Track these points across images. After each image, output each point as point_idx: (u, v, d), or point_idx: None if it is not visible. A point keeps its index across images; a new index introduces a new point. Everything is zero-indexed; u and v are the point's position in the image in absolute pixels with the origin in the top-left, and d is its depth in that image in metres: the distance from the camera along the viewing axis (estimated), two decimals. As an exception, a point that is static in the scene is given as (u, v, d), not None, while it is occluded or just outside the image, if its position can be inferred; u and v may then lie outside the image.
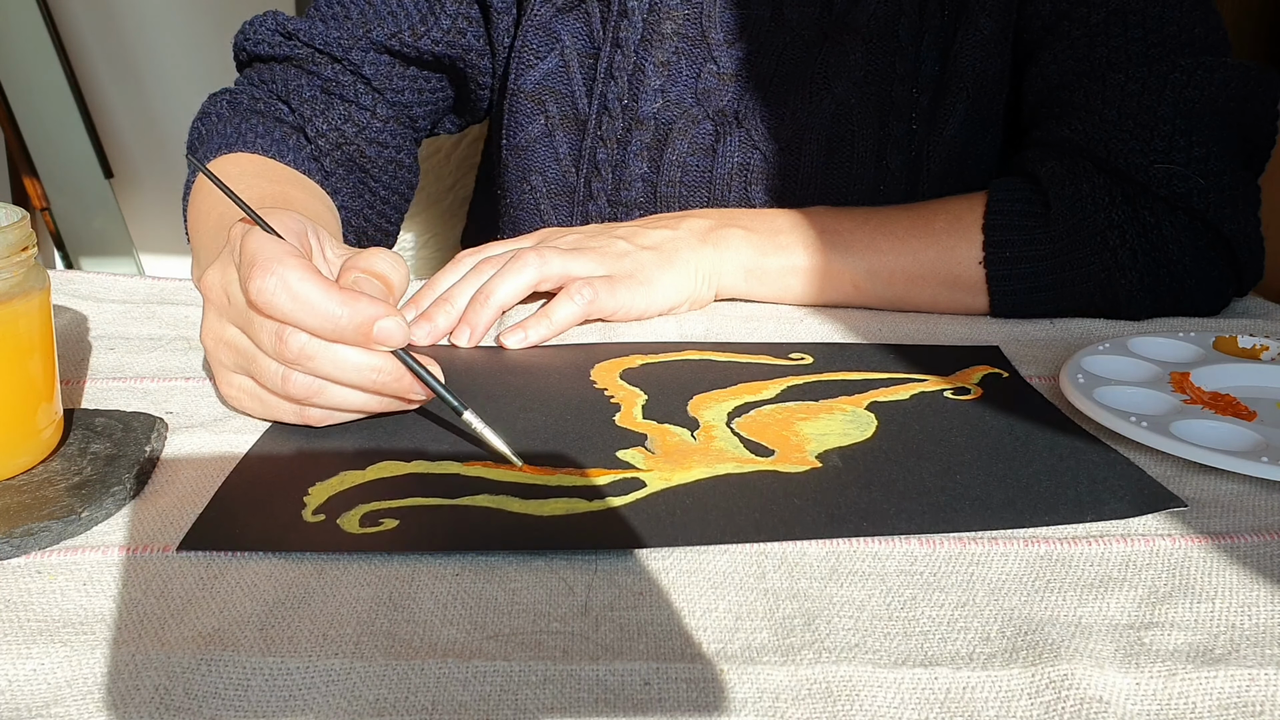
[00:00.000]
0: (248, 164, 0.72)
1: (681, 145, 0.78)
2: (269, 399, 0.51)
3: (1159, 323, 0.70)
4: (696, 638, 0.37)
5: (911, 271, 0.71)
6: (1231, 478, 0.49)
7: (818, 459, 0.49)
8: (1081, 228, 0.68)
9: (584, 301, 0.65)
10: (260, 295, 0.47)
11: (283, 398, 0.50)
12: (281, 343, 0.48)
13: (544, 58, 0.79)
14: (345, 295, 0.48)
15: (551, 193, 0.82)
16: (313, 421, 0.51)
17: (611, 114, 0.78)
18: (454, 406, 0.50)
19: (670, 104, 0.78)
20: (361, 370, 0.49)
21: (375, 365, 0.49)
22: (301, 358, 0.48)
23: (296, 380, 0.49)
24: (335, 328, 0.47)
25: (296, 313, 0.47)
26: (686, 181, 0.79)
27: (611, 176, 0.80)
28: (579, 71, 0.79)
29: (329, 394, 0.50)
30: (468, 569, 0.40)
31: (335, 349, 0.48)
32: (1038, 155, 0.73)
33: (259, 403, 0.52)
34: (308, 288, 0.47)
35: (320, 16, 0.80)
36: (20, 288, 0.45)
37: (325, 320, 0.47)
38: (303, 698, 0.34)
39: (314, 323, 0.47)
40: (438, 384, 0.50)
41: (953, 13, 0.75)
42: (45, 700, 0.33)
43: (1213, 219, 0.68)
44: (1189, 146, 0.68)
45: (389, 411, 0.52)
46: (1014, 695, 0.34)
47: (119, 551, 0.41)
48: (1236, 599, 0.39)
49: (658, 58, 0.77)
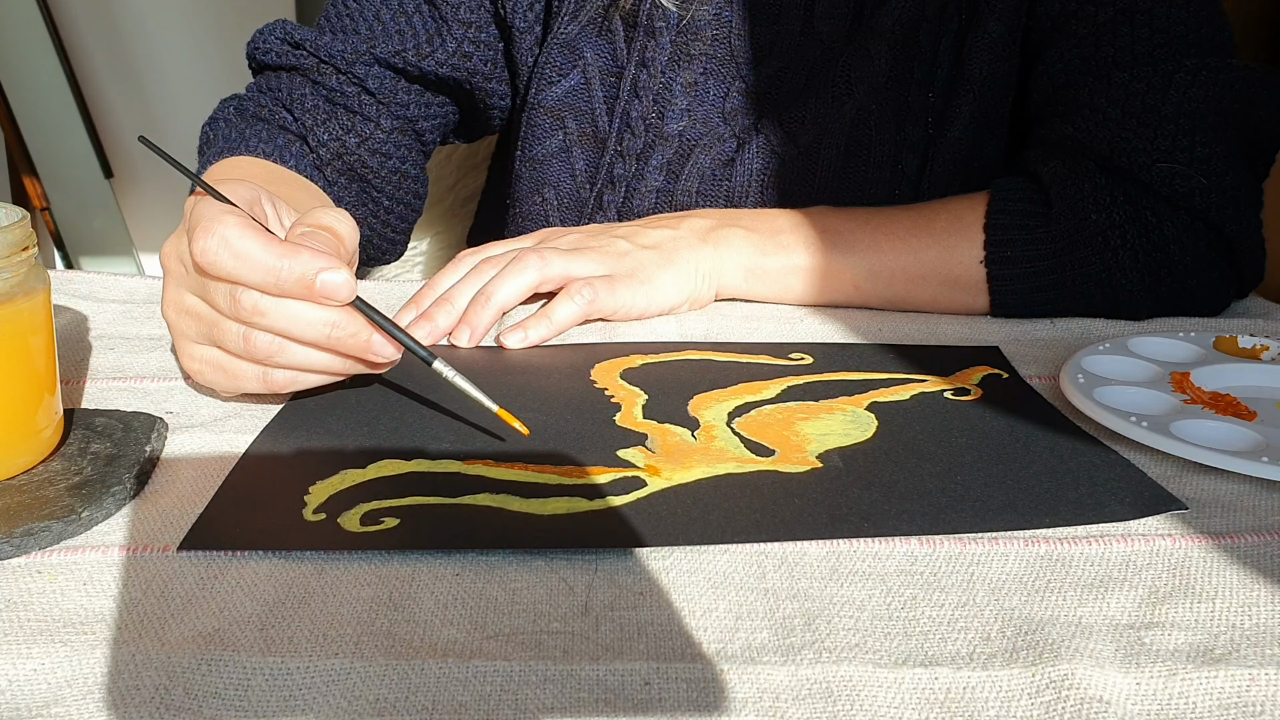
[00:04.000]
0: (247, 167, 0.73)
1: (703, 160, 0.78)
2: (232, 365, 0.51)
3: (1159, 322, 0.70)
4: (696, 638, 0.37)
5: (912, 271, 0.71)
6: (1231, 478, 0.49)
7: (818, 459, 0.49)
8: (1083, 227, 0.68)
9: (584, 301, 0.65)
10: (203, 256, 0.48)
11: (246, 359, 0.50)
12: (235, 301, 0.48)
13: (566, 75, 0.79)
14: (287, 248, 0.48)
15: (563, 205, 0.83)
16: (277, 387, 0.51)
17: (634, 132, 0.78)
18: (422, 357, 0.50)
19: (696, 122, 0.78)
20: (315, 325, 0.49)
21: (330, 320, 0.49)
22: (255, 314, 0.48)
23: (258, 339, 0.49)
24: (278, 281, 0.48)
25: (239, 269, 0.48)
26: (703, 191, 0.79)
27: (625, 189, 0.80)
28: (600, 89, 0.79)
29: (290, 353, 0.50)
30: (468, 569, 0.40)
31: (288, 303, 0.48)
32: (1040, 154, 0.73)
33: (222, 372, 0.52)
34: (248, 244, 0.48)
35: (329, 28, 0.80)
36: (20, 288, 0.45)
37: (268, 274, 0.48)
38: (303, 698, 0.34)
39: (258, 278, 0.48)
40: (402, 333, 0.50)
41: (967, 16, 0.75)
42: (45, 700, 0.33)
43: (1215, 219, 0.68)
44: (1192, 146, 0.68)
45: (355, 374, 0.53)
46: (1014, 695, 0.34)
47: (119, 551, 0.41)
48: (1236, 599, 0.39)
49: (685, 79, 0.77)
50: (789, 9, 0.76)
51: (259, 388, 0.51)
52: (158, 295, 0.71)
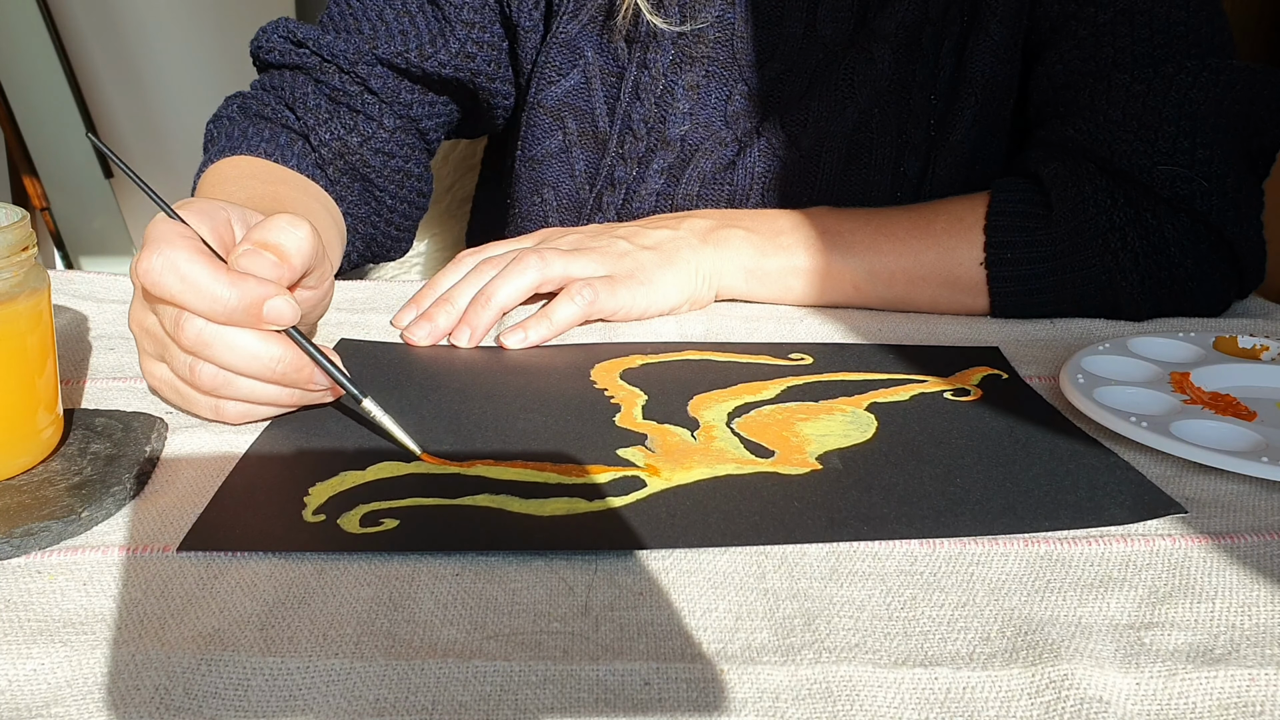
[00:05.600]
0: (246, 166, 0.72)
1: (705, 164, 0.78)
2: (185, 390, 0.51)
3: (1159, 323, 0.70)
4: (696, 638, 0.37)
5: (912, 272, 0.71)
6: (1231, 478, 0.49)
7: (818, 460, 0.49)
8: (1083, 229, 0.68)
9: (584, 302, 0.65)
10: (147, 276, 0.47)
11: (195, 386, 0.50)
12: (179, 329, 0.47)
13: (566, 74, 0.79)
14: (233, 277, 0.47)
15: (562, 206, 0.82)
16: (229, 419, 0.51)
17: (636, 135, 0.78)
18: (353, 394, 0.49)
19: (698, 126, 0.78)
20: (260, 359, 0.48)
21: (275, 355, 0.49)
22: (199, 345, 0.48)
23: (203, 371, 0.49)
24: (225, 310, 0.47)
25: (185, 294, 0.47)
26: (704, 194, 0.79)
27: (624, 191, 0.80)
28: (601, 90, 0.79)
29: (237, 386, 0.49)
30: (468, 569, 0.40)
31: (230, 335, 0.48)
32: (1040, 156, 0.73)
33: (176, 393, 0.51)
34: (195, 269, 0.47)
35: (332, 26, 0.80)
36: (20, 288, 0.45)
37: (214, 302, 0.47)
38: (303, 698, 0.34)
39: (203, 305, 0.47)
40: (334, 368, 0.50)
41: (968, 19, 0.75)
42: (45, 700, 0.33)
43: (1215, 221, 0.68)
44: (1193, 149, 0.68)
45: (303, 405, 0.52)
46: (1014, 695, 0.34)
47: (119, 551, 0.41)
48: (1236, 599, 0.39)
49: (688, 81, 0.77)
50: (792, 12, 0.76)
51: (210, 415, 0.51)
52: (158, 295, 0.71)
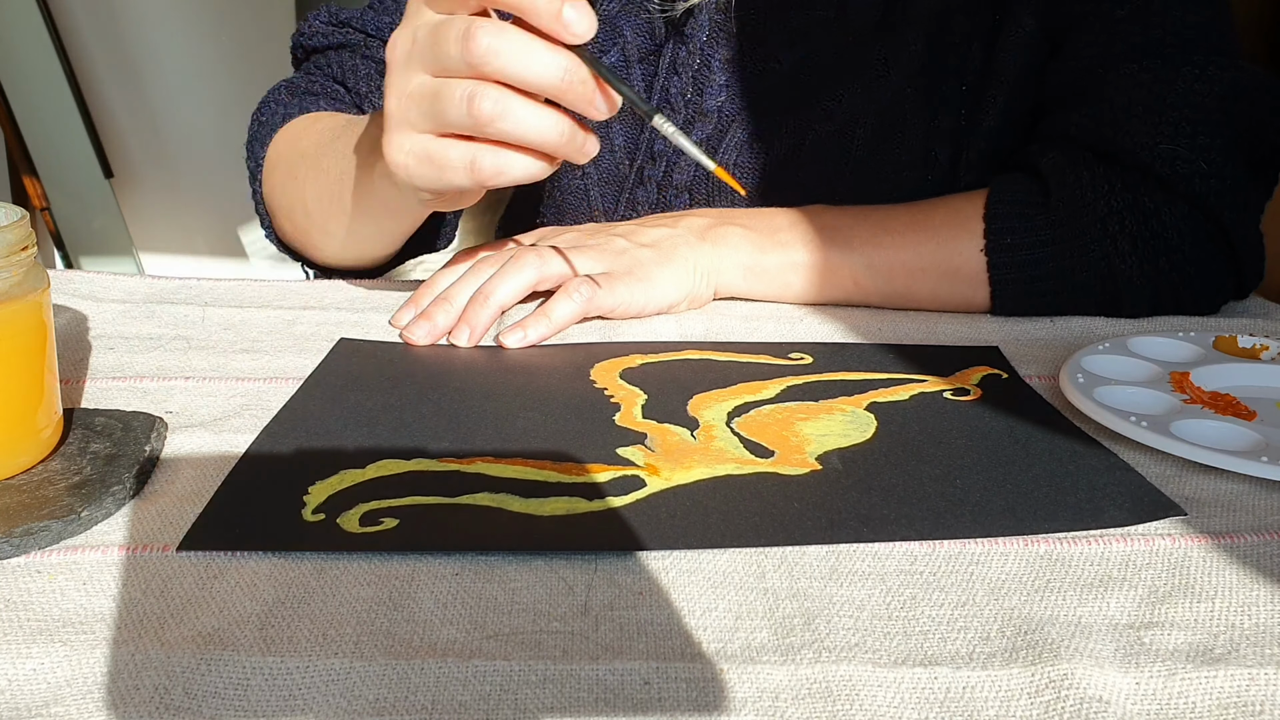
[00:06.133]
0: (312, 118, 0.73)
1: (740, 135, 0.79)
2: (440, 153, 0.52)
3: (1159, 322, 0.70)
4: (696, 637, 0.37)
5: (912, 265, 0.71)
6: (1231, 478, 0.49)
7: (817, 460, 0.49)
8: (1081, 214, 0.69)
9: (582, 299, 0.65)
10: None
11: (463, 131, 0.51)
12: (470, 39, 0.49)
13: (607, 51, 0.80)
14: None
15: (602, 180, 0.83)
16: (483, 174, 0.52)
17: (674, 108, 0.79)
18: (645, 111, 0.52)
19: (734, 96, 0.79)
20: (550, 68, 0.50)
21: (564, 64, 0.50)
22: (489, 54, 0.50)
23: (483, 100, 0.50)
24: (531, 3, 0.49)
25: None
26: (741, 164, 0.80)
27: (665, 164, 0.81)
28: (639, 66, 0.80)
29: (513, 115, 0.51)
30: (468, 569, 0.40)
31: (523, 41, 0.50)
32: (1039, 148, 0.73)
33: (429, 163, 0.53)
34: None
35: (372, 4, 0.82)
36: (20, 287, 0.45)
37: None
38: (303, 698, 0.34)
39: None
40: (626, 87, 0.52)
41: (1000, 9, 0.76)
42: (45, 700, 0.33)
43: (1213, 205, 0.68)
44: (1194, 134, 0.68)
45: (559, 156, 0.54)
46: (1014, 695, 0.34)
47: (119, 551, 0.41)
48: (1236, 599, 0.39)
49: (724, 55, 0.78)
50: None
51: (464, 178, 0.52)
52: (158, 295, 0.71)
